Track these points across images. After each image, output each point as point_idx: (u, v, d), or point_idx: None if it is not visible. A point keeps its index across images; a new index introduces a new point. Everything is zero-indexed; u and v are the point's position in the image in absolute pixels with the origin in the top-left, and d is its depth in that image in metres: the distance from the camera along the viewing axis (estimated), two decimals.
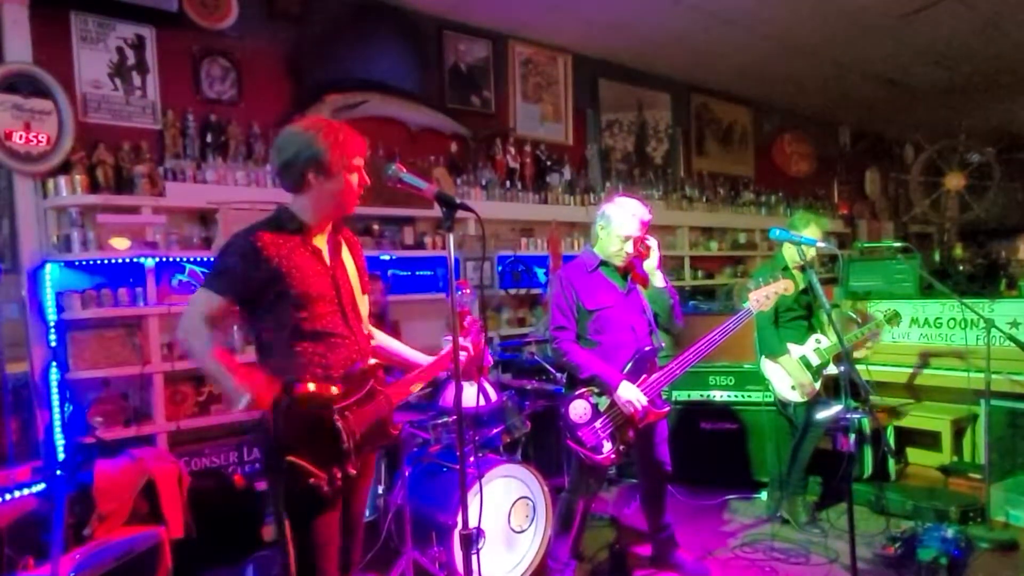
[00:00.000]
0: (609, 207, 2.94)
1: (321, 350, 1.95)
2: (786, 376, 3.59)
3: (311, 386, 1.84)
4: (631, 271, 3.02)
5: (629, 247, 2.89)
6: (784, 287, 2.98)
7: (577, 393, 2.85)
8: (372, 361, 2.08)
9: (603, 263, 2.98)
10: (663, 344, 2.99)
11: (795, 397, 3.60)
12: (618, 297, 2.95)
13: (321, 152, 1.93)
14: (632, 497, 4.05)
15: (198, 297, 1.96)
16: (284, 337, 1.94)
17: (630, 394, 2.78)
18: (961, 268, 7.91)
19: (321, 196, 1.98)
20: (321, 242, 2.04)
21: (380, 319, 3.94)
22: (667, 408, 2.98)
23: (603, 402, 2.83)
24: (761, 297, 2.96)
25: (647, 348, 2.90)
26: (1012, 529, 3.56)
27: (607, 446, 2.80)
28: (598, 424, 2.81)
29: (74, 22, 3.68)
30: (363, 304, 2.15)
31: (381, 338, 2.28)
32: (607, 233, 2.93)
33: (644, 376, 2.87)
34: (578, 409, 2.82)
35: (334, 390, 1.88)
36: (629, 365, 2.87)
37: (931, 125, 9.01)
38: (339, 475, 1.88)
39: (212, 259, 1.98)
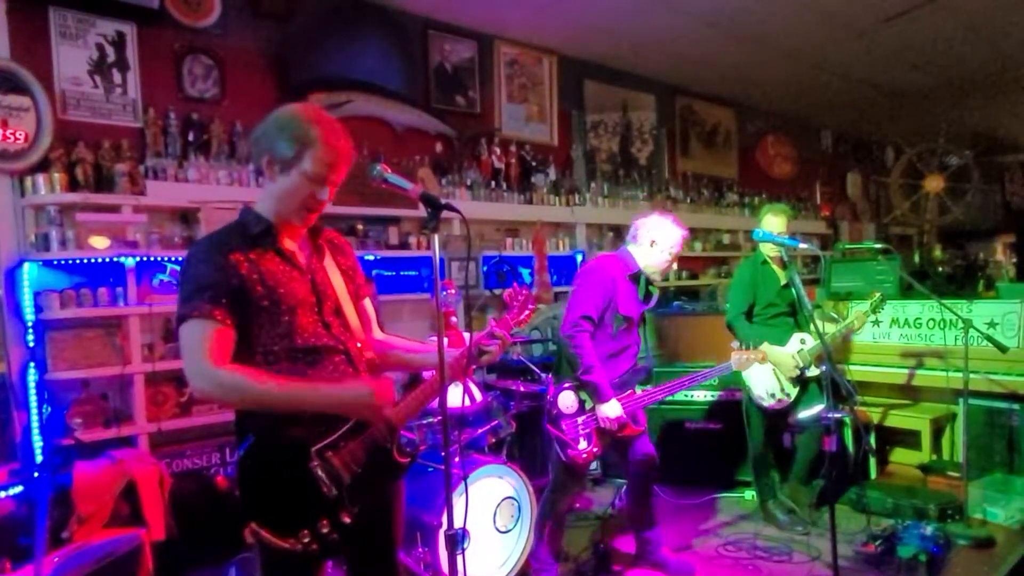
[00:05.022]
0: (665, 223, 2.96)
1: (301, 369, 1.66)
2: (769, 376, 3.61)
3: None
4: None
5: (674, 266, 2.98)
6: (760, 358, 3.11)
7: (569, 385, 2.91)
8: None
9: (640, 273, 3.00)
10: (654, 365, 3.08)
11: (768, 403, 3.63)
12: (640, 310, 3.03)
13: (299, 140, 1.64)
14: (617, 496, 4.06)
15: (187, 336, 1.58)
16: (256, 363, 1.64)
17: (612, 412, 2.84)
18: (940, 269, 8.04)
19: (283, 191, 1.68)
20: (293, 245, 1.76)
21: None
22: (643, 427, 3.05)
23: (590, 402, 2.90)
24: (742, 359, 3.07)
25: (641, 365, 3.01)
26: (989, 526, 3.61)
27: (583, 444, 2.85)
28: (580, 420, 2.87)
29: (53, 18, 3.62)
30: (354, 312, 1.85)
31: (389, 342, 2.00)
32: (659, 247, 2.95)
33: (630, 391, 2.94)
34: (566, 400, 2.88)
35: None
36: (620, 377, 2.94)
37: (911, 128, 9.15)
38: (326, 529, 1.62)
39: (177, 284, 1.64)
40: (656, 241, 2.95)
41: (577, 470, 2.95)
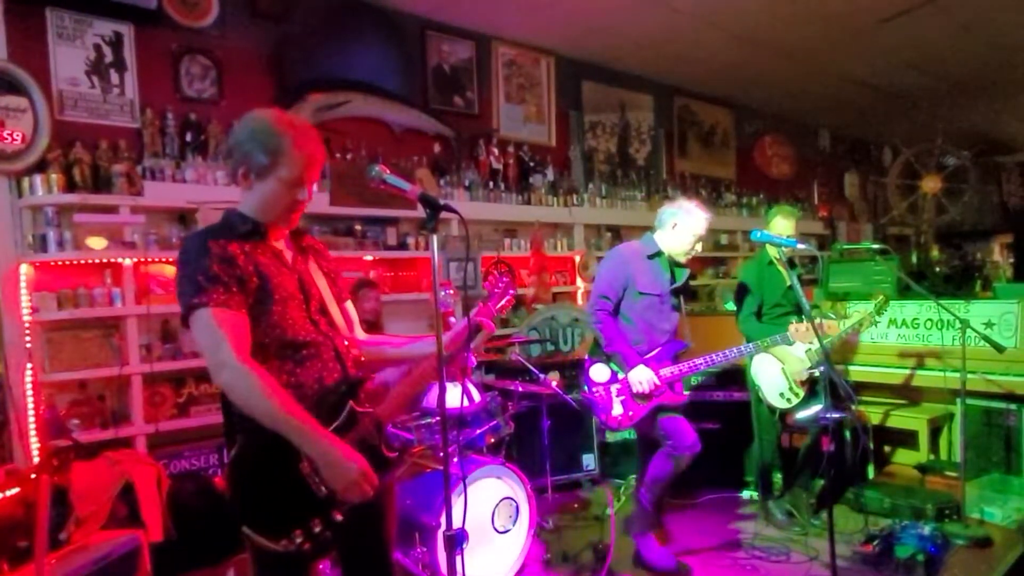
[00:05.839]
0: (687, 206, 3.12)
1: (289, 367, 1.68)
2: (778, 376, 3.62)
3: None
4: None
5: (699, 247, 3.14)
6: (829, 327, 3.34)
7: (602, 358, 3.08)
8: (354, 376, 1.79)
9: (660, 253, 3.14)
10: (691, 343, 3.18)
11: (781, 404, 3.63)
12: (665, 288, 3.13)
13: (272, 150, 1.67)
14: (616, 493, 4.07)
15: (205, 326, 1.56)
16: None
17: (642, 375, 2.96)
18: (937, 269, 8.06)
19: (263, 198, 1.72)
20: (280, 244, 1.80)
21: (374, 326, 3.92)
22: (684, 397, 3.16)
23: (622, 372, 3.04)
24: (802, 328, 3.22)
25: (676, 342, 3.12)
26: (987, 526, 3.61)
27: (617, 409, 3.01)
28: (614, 388, 3.03)
29: (50, 18, 3.62)
30: (338, 312, 1.88)
31: (374, 340, 2.03)
32: (681, 229, 3.09)
33: (667, 363, 3.06)
34: (599, 369, 3.08)
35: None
36: (656, 351, 3.05)
37: (908, 129, 9.16)
38: (318, 528, 1.63)
39: (177, 278, 1.64)
40: (678, 224, 3.10)
41: (641, 437, 3.14)
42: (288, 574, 1.69)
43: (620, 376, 3.03)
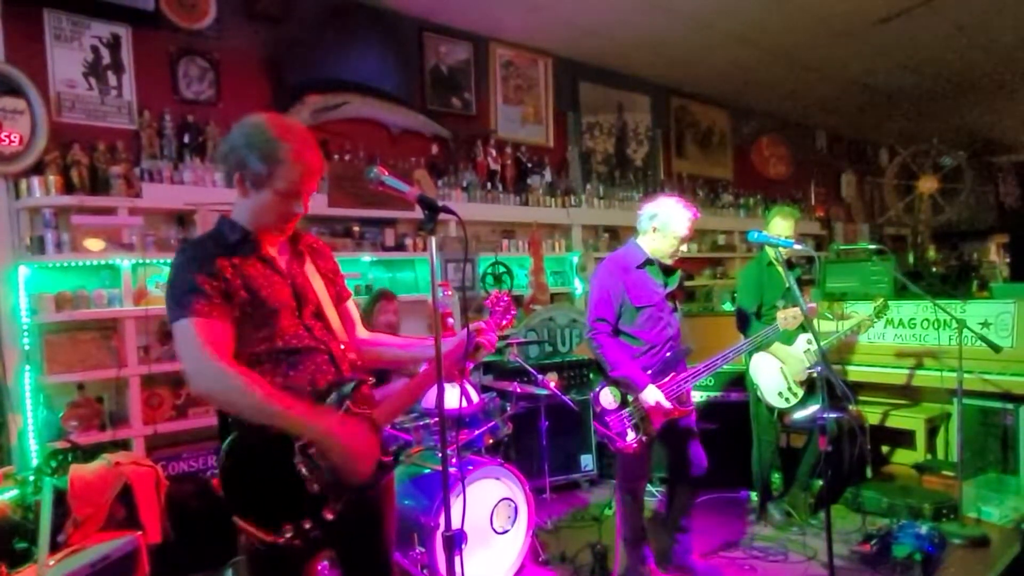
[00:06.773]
0: (665, 206, 2.95)
1: (283, 370, 1.68)
2: (777, 375, 3.63)
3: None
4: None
5: (684, 247, 2.98)
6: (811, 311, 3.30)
7: (607, 382, 2.94)
8: (350, 379, 1.77)
9: (649, 261, 3.00)
10: (693, 347, 3.07)
11: (780, 403, 3.64)
12: (660, 295, 3.00)
13: (269, 159, 1.64)
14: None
15: (183, 335, 1.57)
16: (242, 365, 1.62)
17: (652, 399, 2.84)
18: (934, 269, 8.07)
19: (257, 207, 1.70)
20: (273, 251, 1.77)
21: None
22: (691, 407, 3.06)
23: (631, 394, 2.93)
24: (790, 315, 3.20)
25: (680, 348, 3.01)
26: (984, 525, 3.63)
27: (631, 435, 2.88)
28: (624, 412, 2.90)
29: (48, 20, 3.62)
30: (336, 314, 1.86)
31: (375, 340, 2.02)
32: (662, 233, 2.94)
33: (672, 374, 2.95)
34: (607, 396, 2.92)
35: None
36: (660, 364, 2.94)
37: (905, 129, 9.19)
38: (309, 526, 1.61)
39: (165, 295, 1.66)
40: (657, 227, 2.95)
41: (635, 458, 2.96)
42: (281, 573, 1.69)
43: (629, 399, 2.91)
